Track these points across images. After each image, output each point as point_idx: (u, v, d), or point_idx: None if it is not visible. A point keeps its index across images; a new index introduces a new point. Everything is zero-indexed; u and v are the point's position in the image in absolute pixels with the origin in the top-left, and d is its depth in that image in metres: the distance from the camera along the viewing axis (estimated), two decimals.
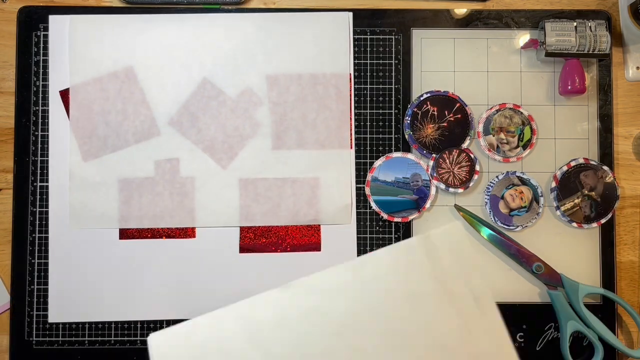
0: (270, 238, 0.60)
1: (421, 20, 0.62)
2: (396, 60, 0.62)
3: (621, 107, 0.62)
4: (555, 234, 0.61)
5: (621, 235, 0.62)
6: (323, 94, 0.60)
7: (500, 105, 0.61)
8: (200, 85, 0.60)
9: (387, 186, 0.60)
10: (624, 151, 0.62)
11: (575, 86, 0.60)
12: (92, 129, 0.60)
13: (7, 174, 0.61)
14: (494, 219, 0.60)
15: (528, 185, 0.60)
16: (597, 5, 0.62)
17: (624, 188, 0.62)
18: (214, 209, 0.60)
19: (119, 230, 0.60)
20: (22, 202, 0.60)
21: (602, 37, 0.59)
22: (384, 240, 0.61)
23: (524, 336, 0.61)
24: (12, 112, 0.61)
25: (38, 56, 0.61)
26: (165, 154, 0.60)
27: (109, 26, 0.60)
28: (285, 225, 0.60)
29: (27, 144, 0.60)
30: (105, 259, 0.60)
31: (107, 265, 0.60)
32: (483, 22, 0.62)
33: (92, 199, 0.60)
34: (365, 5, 0.62)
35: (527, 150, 0.61)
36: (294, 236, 0.60)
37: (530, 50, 0.62)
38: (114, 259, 0.60)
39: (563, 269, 0.60)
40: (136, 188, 0.60)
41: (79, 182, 0.60)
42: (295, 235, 0.60)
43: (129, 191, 0.60)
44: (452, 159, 0.60)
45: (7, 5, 0.61)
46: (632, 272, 0.62)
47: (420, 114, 0.61)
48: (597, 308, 0.61)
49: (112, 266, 0.60)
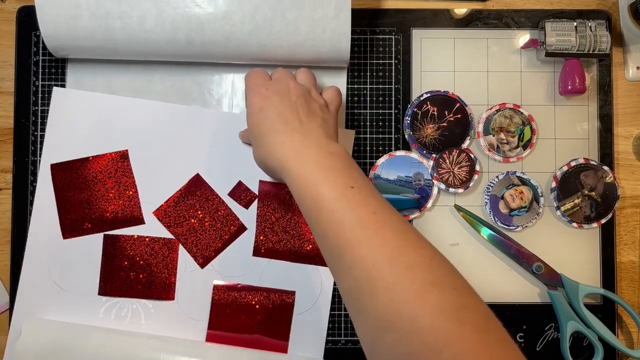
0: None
1: (421, 20, 0.62)
2: (396, 60, 0.62)
3: (621, 107, 0.62)
4: (555, 234, 0.61)
5: (621, 236, 0.62)
6: None
7: (500, 105, 0.61)
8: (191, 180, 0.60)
9: (389, 184, 0.60)
10: (624, 151, 0.62)
11: (576, 86, 0.60)
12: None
13: (7, 174, 0.61)
14: (494, 219, 0.60)
15: (528, 186, 0.60)
16: (597, 5, 0.63)
17: (624, 188, 0.62)
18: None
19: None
20: (21, 202, 0.60)
21: (602, 37, 0.59)
22: None
23: (524, 336, 0.61)
24: (12, 112, 0.61)
25: (38, 56, 0.61)
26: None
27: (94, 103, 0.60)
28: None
29: (27, 144, 0.60)
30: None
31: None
32: (483, 22, 0.62)
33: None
34: (365, 5, 0.62)
35: (527, 150, 0.61)
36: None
37: (530, 50, 0.62)
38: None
39: (563, 269, 0.60)
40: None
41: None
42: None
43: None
44: (452, 159, 0.60)
45: (6, 5, 0.61)
46: (632, 272, 0.62)
47: (420, 114, 0.61)
48: (597, 308, 0.61)
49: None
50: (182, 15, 0.55)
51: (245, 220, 0.60)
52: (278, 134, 0.49)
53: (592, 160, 0.61)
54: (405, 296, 0.39)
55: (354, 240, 0.42)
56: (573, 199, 0.60)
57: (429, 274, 0.40)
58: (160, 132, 0.60)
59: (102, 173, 0.60)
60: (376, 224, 0.43)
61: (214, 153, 0.60)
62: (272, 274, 0.60)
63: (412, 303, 0.39)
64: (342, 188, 0.45)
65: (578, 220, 0.61)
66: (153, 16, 0.55)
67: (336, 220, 0.44)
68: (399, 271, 0.40)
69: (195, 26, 0.55)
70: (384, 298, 0.40)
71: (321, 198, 0.45)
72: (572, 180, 0.60)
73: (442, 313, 0.38)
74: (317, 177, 0.46)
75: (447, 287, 0.40)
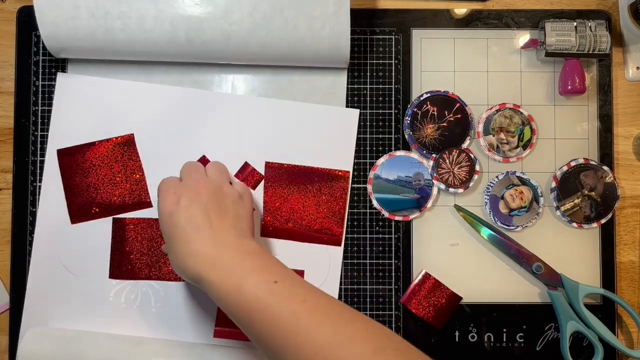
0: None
1: (421, 20, 0.62)
2: (396, 60, 0.62)
3: (621, 107, 0.62)
4: (555, 234, 0.61)
5: (621, 236, 0.62)
6: (320, 189, 0.60)
7: (500, 105, 0.61)
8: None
9: (389, 184, 0.60)
10: (624, 151, 0.62)
11: (575, 86, 0.60)
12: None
13: (7, 174, 0.61)
14: (494, 219, 0.60)
15: (528, 186, 0.60)
16: (597, 5, 0.62)
17: (624, 188, 0.62)
18: None
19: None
20: (21, 202, 0.60)
21: (602, 37, 0.59)
22: (383, 240, 0.61)
23: (524, 336, 0.61)
24: (12, 112, 0.61)
25: (38, 56, 0.61)
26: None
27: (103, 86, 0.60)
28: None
29: (27, 144, 0.60)
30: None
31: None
32: (483, 22, 0.62)
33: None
34: (365, 5, 0.62)
35: (527, 150, 0.61)
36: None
37: (530, 50, 0.62)
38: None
39: (563, 269, 0.60)
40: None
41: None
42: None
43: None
44: (452, 159, 0.60)
45: (7, 5, 0.61)
46: (632, 272, 0.62)
47: (420, 114, 0.61)
48: (597, 308, 0.61)
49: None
50: (181, 14, 0.55)
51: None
52: (190, 244, 0.49)
53: (592, 160, 0.61)
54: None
55: (292, 332, 0.44)
56: (573, 199, 0.60)
57: (369, 344, 0.43)
58: (165, 115, 0.60)
59: (109, 157, 0.60)
60: (309, 312, 0.44)
61: (219, 135, 0.60)
62: (280, 254, 0.60)
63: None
64: (267, 286, 0.46)
65: (578, 220, 0.61)
66: (152, 16, 0.55)
67: (270, 319, 0.44)
68: (342, 347, 0.42)
69: (194, 25, 0.55)
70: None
71: (249, 302, 0.45)
72: (572, 180, 0.60)
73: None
74: (240, 282, 0.46)
75: (388, 350, 0.42)
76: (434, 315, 0.60)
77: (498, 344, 0.61)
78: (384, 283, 0.61)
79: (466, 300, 0.61)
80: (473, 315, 0.61)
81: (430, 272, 0.60)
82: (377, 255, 0.61)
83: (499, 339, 0.61)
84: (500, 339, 0.61)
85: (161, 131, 0.60)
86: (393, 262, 0.61)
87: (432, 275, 0.60)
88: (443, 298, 0.60)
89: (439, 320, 0.60)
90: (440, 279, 0.60)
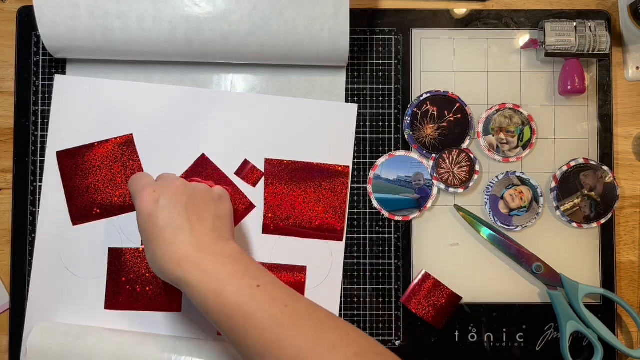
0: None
1: (421, 20, 0.62)
2: (396, 60, 0.62)
3: (621, 107, 0.62)
4: (555, 234, 0.61)
5: (621, 236, 0.62)
6: (321, 185, 0.60)
7: (500, 105, 0.61)
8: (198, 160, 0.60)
9: (389, 184, 0.60)
10: (623, 151, 0.62)
11: (575, 86, 0.60)
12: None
13: (7, 174, 0.61)
14: (493, 219, 0.60)
15: (528, 186, 0.60)
16: (597, 5, 0.62)
17: (624, 188, 0.62)
18: None
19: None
20: (21, 202, 0.60)
21: (602, 37, 0.59)
22: (383, 240, 0.61)
23: (524, 336, 0.61)
24: (12, 112, 0.61)
25: (38, 56, 0.61)
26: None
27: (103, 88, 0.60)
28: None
29: (27, 144, 0.60)
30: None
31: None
32: (483, 22, 0.62)
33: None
34: (365, 5, 0.62)
35: (527, 150, 0.61)
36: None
37: (530, 50, 0.62)
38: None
39: (563, 269, 0.60)
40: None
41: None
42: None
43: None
44: (452, 159, 0.60)
45: (7, 5, 0.61)
46: (632, 272, 0.62)
47: (420, 114, 0.61)
48: (597, 308, 0.61)
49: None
50: (180, 14, 0.55)
51: (253, 199, 0.60)
52: (169, 245, 0.48)
53: (592, 160, 0.61)
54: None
55: (273, 337, 0.44)
56: (573, 199, 0.60)
57: (350, 348, 0.43)
58: (163, 114, 0.60)
59: (109, 158, 0.60)
60: (291, 317, 0.44)
61: (218, 133, 0.60)
62: (282, 251, 0.60)
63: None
64: (249, 290, 0.46)
65: (578, 220, 0.61)
66: (151, 15, 0.55)
67: (251, 323, 0.44)
68: (322, 352, 0.42)
69: (193, 25, 0.55)
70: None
71: (230, 305, 0.45)
72: (572, 180, 0.60)
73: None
74: (221, 286, 0.46)
75: (370, 355, 0.43)
76: (433, 315, 0.60)
77: (498, 344, 0.61)
78: (384, 283, 0.61)
79: (466, 300, 0.61)
80: (473, 315, 0.61)
81: (430, 272, 0.60)
82: (377, 255, 0.61)
83: (499, 339, 0.61)
84: (500, 339, 0.61)
85: (161, 130, 0.60)
86: (393, 262, 0.61)
87: (432, 275, 0.60)
88: (443, 298, 0.60)
89: (439, 320, 0.60)
90: (440, 279, 0.60)
